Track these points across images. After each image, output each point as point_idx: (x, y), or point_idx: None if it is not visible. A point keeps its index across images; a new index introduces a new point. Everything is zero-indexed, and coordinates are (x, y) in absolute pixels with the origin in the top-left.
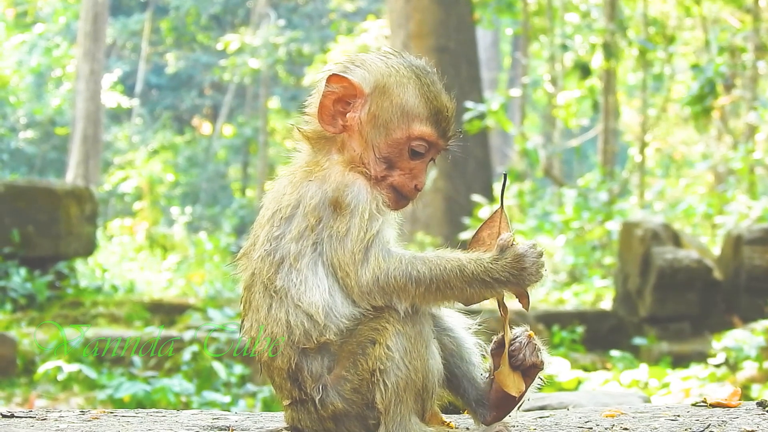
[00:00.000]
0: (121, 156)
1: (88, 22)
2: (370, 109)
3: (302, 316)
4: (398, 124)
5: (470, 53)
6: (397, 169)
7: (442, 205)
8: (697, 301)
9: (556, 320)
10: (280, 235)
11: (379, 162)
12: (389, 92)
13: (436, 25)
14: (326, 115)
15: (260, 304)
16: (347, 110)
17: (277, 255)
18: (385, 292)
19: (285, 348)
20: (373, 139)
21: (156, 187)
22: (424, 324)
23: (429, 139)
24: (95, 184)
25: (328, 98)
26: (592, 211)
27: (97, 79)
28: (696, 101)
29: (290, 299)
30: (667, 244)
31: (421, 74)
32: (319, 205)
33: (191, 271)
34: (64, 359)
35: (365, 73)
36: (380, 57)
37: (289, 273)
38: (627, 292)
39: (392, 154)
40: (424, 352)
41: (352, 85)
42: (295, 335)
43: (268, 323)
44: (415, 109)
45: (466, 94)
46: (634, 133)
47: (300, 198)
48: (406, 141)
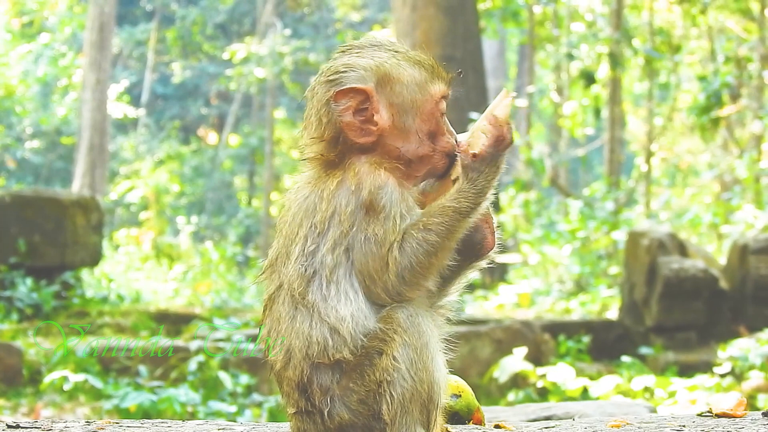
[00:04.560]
0: (127, 166)
1: (95, 32)
2: (388, 101)
3: (326, 331)
4: (421, 97)
5: (476, 62)
6: (438, 135)
7: None
8: (703, 311)
9: (562, 330)
10: (315, 249)
11: (423, 141)
12: (392, 77)
13: (442, 34)
14: (355, 131)
15: (283, 314)
16: (368, 116)
17: (310, 269)
18: (413, 283)
19: (299, 361)
20: (410, 124)
21: (162, 196)
22: (431, 336)
23: (445, 93)
24: (101, 194)
25: (346, 115)
26: (598, 221)
27: (104, 88)
28: (702, 112)
29: (317, 313)
30: (674, 253)
31: (395, 48)
32: (354, 211)
33: (197, 281)
34: (70, 369)
35: (358, 74)
36: (356, 55)
37: (322, 286)
38: (633, 302)
39: (431, 126)
40: (430, 364)
41: (358, 91)
42: (313, 350)
43: (288, 334)
44: (420, 77)
45: (472, 103)
46: (640, 142)
47: (335, 209)
48: (435, 106)
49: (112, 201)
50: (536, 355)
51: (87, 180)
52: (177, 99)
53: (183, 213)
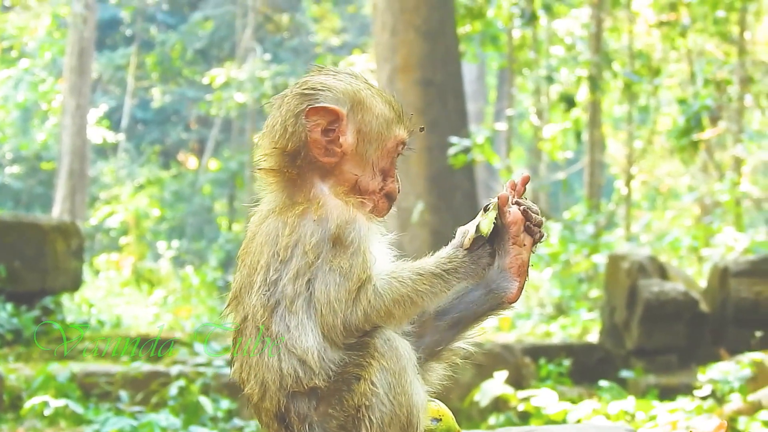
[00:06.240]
0: (107, 191)
1: (74, 57)
2: (356, 127)
3: (295, 362)
4: (387, 133)
5: (456, 86)
6: (388, 177)
7: (429, 238)
8: (684, 334)
9: (543, 353)
10: (277, 279)
11: (376, 176)
12: (365, 106)
13: (422, 58)
14: (320, 149)
15: (252, 348)
16: (334, 137)
17: (272, 299)
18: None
19: (274, 392)
20: (371, 155)
21: (142, 221)
22: (409, 359)
23: (405, 140)
24: (81, 219)
25: (315, 132)
26: (579, 244)
27: (83, 113)
28: (682, 135)
29: (284, 345)
30: (654, 276)
31: (368, 82)
32: (320, 243)
33: (178, 306)
34: (50, 394)
35: (334, 95)
36: (333, 77)
37: (284, 317)
38: (614, 325)
39: (386, 163)
40: (408, 388)
41: (331, 111)
42: (287, 381)
43: (260, 368)
44: (389, 114)
45: (453, 127)
46: (620, 165)
47: (299, 238)
48: (395, 147)
49: (93, 226)
50: (517, 379)
51: (67, 205)
52: (157, 124)
53: (163, 238)
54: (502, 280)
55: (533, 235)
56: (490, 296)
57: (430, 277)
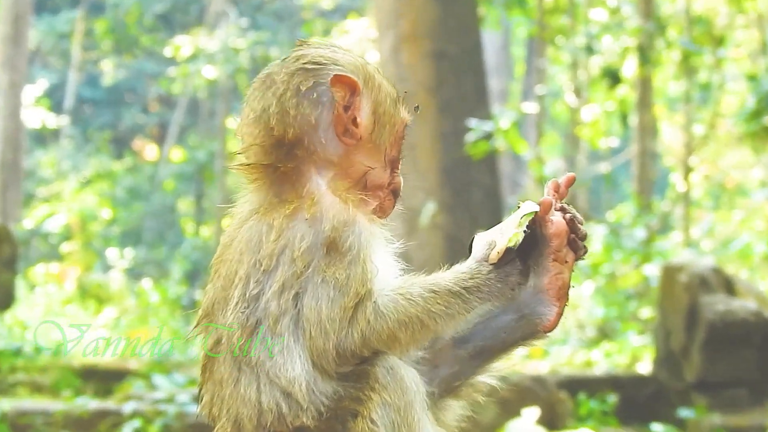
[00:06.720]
0: (46, 186)
1: (8, 24)
2: (371, 107)
3: (278, 395)
4: (396, 113)
5: (475, 59)
6: (395, 168)
7: (442, 244)
8: (755, 362)
9: (583, 387)
10: (259, 293)
11: (386, 169)
12: (376, 82)
13: (433, 25)
14: (341, 128)
15: (225, 377)
16: (349, 115)
17: (252, 317)
18: (372, 348)
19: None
20: (384, 140)
21: (89, 224)
22: (416, 392)
23: (408, 122)
24: (14, 221)
25: (340, 106)
26: (626, 252)
27: (18, 92)
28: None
29: (265, 374)
30: (719, 292)
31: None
32: (311, 248)
33: (133, 328)
34: None
35: (345, 68)
36: (331, 51)
37: (266, 340)
38: (670, 352)
39: (395, 152)
40: (415, 427)
41: (351, 84)
42: (266, 418)
43: (234, 401)
44: (394, 94)
45: (471, 108)
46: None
47: (286, 243)
48: (402, 131)
49: (28, 230)
50: (551, 418)
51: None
52: (108, 105)
53: (115, 244)
54: (538, 303)
55: (577, 250)
56: (522, 323)
57: (446, 295)
